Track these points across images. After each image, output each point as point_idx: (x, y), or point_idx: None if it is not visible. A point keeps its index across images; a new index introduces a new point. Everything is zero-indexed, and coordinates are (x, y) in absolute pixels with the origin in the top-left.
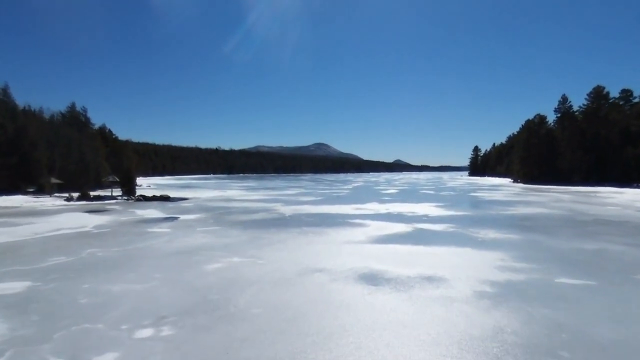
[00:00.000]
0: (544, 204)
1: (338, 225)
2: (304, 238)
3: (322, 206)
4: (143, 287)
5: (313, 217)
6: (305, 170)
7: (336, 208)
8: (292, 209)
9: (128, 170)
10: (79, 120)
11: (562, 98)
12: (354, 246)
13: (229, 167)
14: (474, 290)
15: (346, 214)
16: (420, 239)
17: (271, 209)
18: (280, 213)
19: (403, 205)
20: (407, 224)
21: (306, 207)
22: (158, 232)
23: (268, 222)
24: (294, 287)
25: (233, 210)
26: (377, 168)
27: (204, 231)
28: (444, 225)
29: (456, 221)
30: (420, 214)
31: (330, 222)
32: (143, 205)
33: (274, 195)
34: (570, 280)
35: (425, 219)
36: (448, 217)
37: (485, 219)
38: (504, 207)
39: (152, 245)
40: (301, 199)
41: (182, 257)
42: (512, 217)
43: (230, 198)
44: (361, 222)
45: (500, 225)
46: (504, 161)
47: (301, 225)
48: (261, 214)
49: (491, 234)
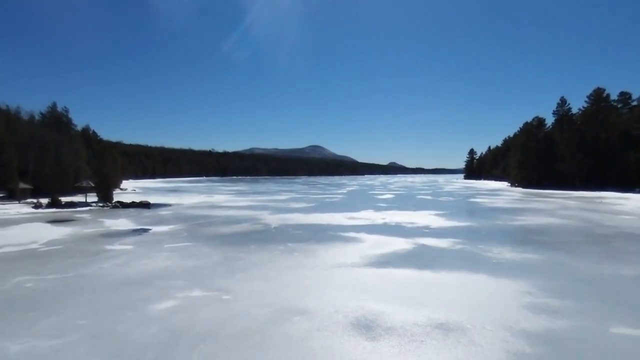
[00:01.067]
0: (553, 212)
1: (328, 240)
2: (287, 259)
3: (313, 215)
4: (52, 345)
5: (301, 230)
6: (299, 172)
7: (328, 217)
8: (279, 218)
9: (105, 174)
10: (61, 120)
11: (561, 100)
12: (346, 272)
13: (222, 170)
14: (506, 349)
15: (338, 225)
16: (424, 260)
17: (257, 218)
18: (265, 224)
19: (400, 213)
20: (407, 239)
21: (295, 215)
22: (117, 251)
23: (249, 237)
24: (261, 344)
25: (214, 220)
26: (372, 171)
27: (172, 249)
28: (450, 241)
29: (462, 234)
30: (420, 225)
31: (320, 236)
32: (117, 214)
33: (263, 200)
34: (630, 330)
35: (426, 231)
36: (452, 229)
37: (494, 232)
38: (510, 216)
39: (100, 271)
40: (291, 205)
41: (130, 290)
42: (522, 229)
43: (216, 204)
44: (355, 237)
45: (513, 241)
46: (500, 164)
47: (286, 241)
48: (244, 224)
49: (506, 252)
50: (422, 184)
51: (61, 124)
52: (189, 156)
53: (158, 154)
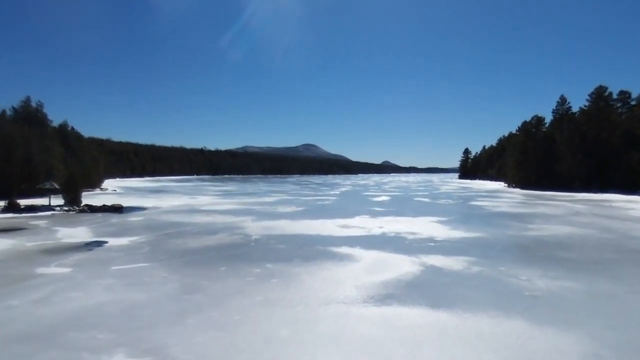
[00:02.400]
0: (565, 219)
1: (317, 258)
2: (261, 290)
3: (302, 222)
4: None
5: (285, 242)
6: (293, 171)
7: (318, 225)
8: (263, 226)
9: (72, 175)
10: (34, 116)
11: (561, 99)
12: (337, 314)
13: (214, 168)
14: None
15: (329, 237)
16: (438, 293)
17: (237, 226)
18: (245, 234)
19: (399, 220)
20: (412, 257)
21: (282, 223)
22: (47, 277)
23: (222, 253)
24: None
25: (187, 230)
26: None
27: (119, 273)
28: (462, 260)
29: (474, 250)
30: (423, 236)
31: (307, 251)
32: (79, 221)
33: (250, 203)
34: None
35: (432, 245)
36: (460, 241)
37: (510, 246)
38: (520, 224)
39: (6, 312)
40: (279, 209)
41: (21, 351)
42: (540, 241)
43: (197, 208)
44: (349, 253)
45: (537, 259)
46: (496, 164)
47: (265, 260)
48: (221, 235)
49: (536, 278)
50: (417, 184)
51: (34, 120)
52: (180, 154)
53: (148, 152)
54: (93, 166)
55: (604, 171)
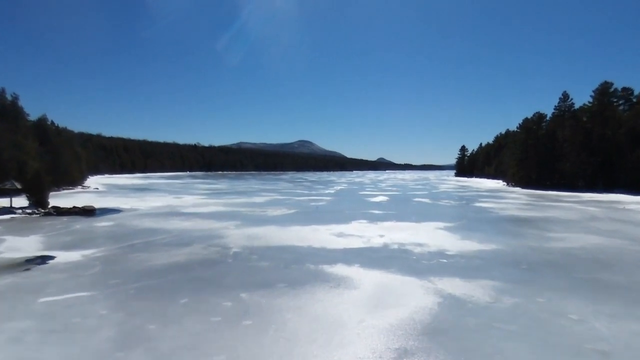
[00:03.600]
0: (585, 225)
1: (305, 284)
2: (226, 342)
3: (292, 228)
4: None
5: (269, 259)
6: (287, 168)
7: (310, 233)
8: (246, 235)
9: (36, 173)
10: (8, 110)
11: (563, 95)
12: None
13: (207, 165)
14: None
15: (322, 250)
16: (465, 344)
17: (217, 234)
18: (223, 246)
19: (401, 227)
20: (422, 280)
21: (269, 230)
22: None
23: (188, 276)
24: None
25: (157, 240)
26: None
27: (43, 311)
28: (487, 286)
29: (497, 269)
30: (432, 249)
31: (294, 273)
32: (37, 226)
33: (237, 204)
34: None
35: (445, 263)
36: (477, 256)
37: (539, 264)
38: (537, 231)
39: None
40: (268, 212)
41: None
42: (571, 256)
43: (178, 210)
44: (346, 276)
45: (580, 284)
46: (493, 162)
47: (240, 287)
48: (194, 247)
49: (590, 316)
50: (414, 182)
51: (8, 113)
52: (173, 150)
53: (138, 148)
54: (72, 162)
55: (609, 170)
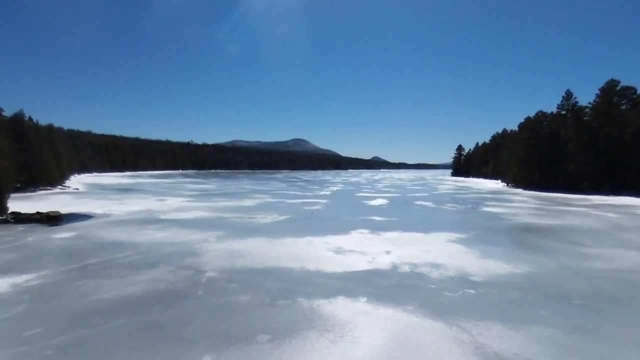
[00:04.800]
0: (615, 237)
1: (295, 334)
2: None
3: (282, 241)
4: None
5: (252, 290)
6: (282, 166)
7: (304, 248)
8: (228, 251)
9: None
10: None
11: (567, 94)
12: None
13: (200, 163)
14: None
15: (318, 275)
16: None
17: (193, 251)
18: (196, 269)
19: (408, 238)
20: (452, 329)
21: (255, 244)
22: None
23: (137, 321)
24: None
25: (119, 259)
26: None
27: None
28: (546, 339)
29: (545, 307)
30: (451, 272)
31: (280, 315)
32: None
33: (225, 208)
34: None
35: (473, 295)
36: (510, 283)
37: (595, 297)
38: (566, 245)
39: None
40: (258, 218)
41: None
42: (622, 280)
43: (156, 216)
44: (348, 320)
45: None
46: (490, 162)
47: (205, 343)
48: (160, 270)
49: None
50: (411, 182)
51: None
52: (165, 148)
53: (129, 145)
54: (50, 160)
55: (616, 172)
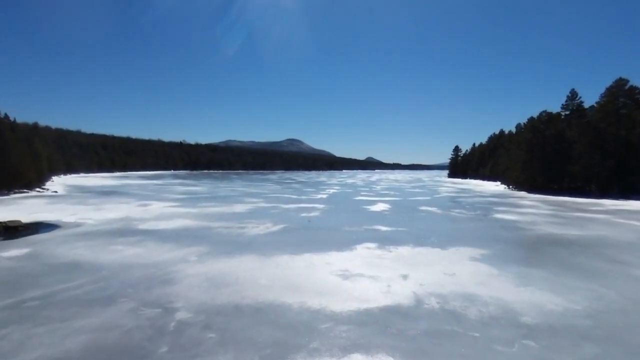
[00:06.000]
0: None
1: None
2: None
3: (276, 261)
4: None
5: (232, 347)
6: (276, 167)
7: (302, 271)
8: (209, 277)
9: None
10: None
11: (571, 93)
12: None
13: (193, 163)
14: None
15: (322, 315)
16: None
17: (164, 276)
18: (164, 307)
19: (424, 256)
20: None
21: (243, 266)
22: None
23: None
24: None
25: (70, 289)
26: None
27: None
28: None
29: None
30: (493, 309)
31: None
32: None
33: (212, 216)
34: None
35: (535, 349)
36: (577, 329)
37: None
38: (614, 266)
39: None
40: (248, 228)
41: None
42: None
43: (132, 227)
44: None
45: None
46: (488, 163)
47: None
48: (117, 309)
49: None
50: (409, 184)
51: None
52: (156, 148)
53: (118, 145)
54: (26, 161)
55: (625, 174)
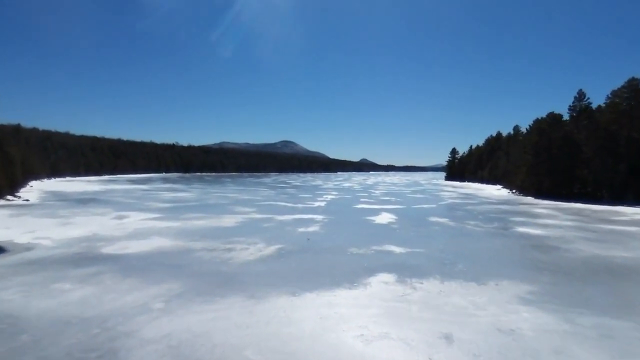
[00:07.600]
0: None
1: None
2: None
3: (269, 308)
4: None
5: None
6: (270, 169)
7: (304, 330)
8: (172, 346)
9: None
10: None
11: (579, 94)
12: None
13: (185, 165)
14: None
15: None
16: None
17: (110, 346)
18: None
19: (460, 298)
20: None
21: (223, 320)
22: None
23: None
24: None
25: None
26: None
27: None
28: None
29: None
30: None
31: None
32: None
33: (195, 232)
34: None
35: None
36: None
37: None
38: None
39: None
40: (236, 251)
41: None
42: None
43: (94, 251)
44: None
45: None
46: (486, 166)
47: None
48: None
49: None
50: (408, 187)
51: None
52: (148, 149)
53: (108, 146)
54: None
55: (638, 180)
